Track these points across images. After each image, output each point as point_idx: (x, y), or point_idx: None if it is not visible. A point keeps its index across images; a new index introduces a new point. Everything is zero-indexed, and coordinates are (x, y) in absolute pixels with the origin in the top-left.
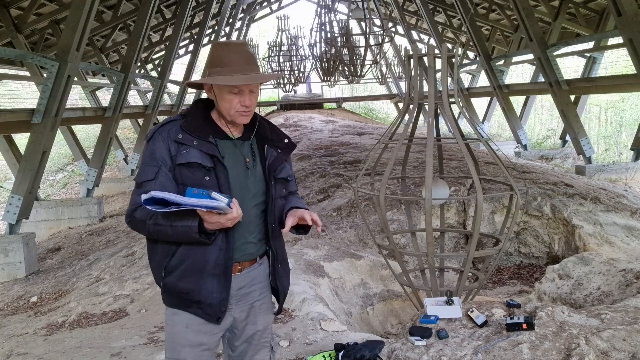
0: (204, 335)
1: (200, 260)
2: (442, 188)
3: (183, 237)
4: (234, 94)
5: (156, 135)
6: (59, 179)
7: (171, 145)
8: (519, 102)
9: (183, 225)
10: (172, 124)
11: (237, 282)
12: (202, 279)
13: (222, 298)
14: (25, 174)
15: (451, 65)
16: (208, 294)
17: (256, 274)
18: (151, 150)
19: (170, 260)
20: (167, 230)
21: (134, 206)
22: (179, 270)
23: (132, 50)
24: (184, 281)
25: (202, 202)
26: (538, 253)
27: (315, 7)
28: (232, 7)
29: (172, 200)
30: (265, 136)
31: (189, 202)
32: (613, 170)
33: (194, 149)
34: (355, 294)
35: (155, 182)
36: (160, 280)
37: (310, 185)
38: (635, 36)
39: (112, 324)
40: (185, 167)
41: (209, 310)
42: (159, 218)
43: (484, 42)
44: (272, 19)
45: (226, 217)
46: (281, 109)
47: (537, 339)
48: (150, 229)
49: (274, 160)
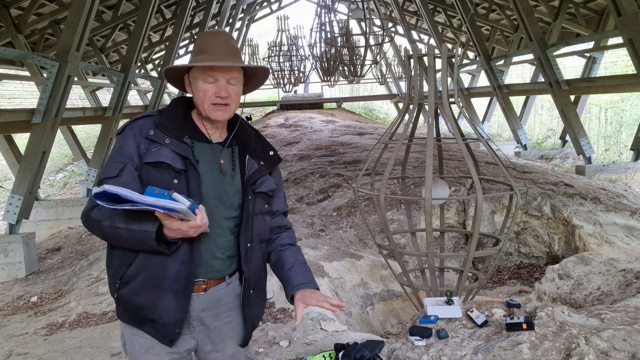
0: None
1: (158, 273)
2: (442, 188)
3: (139, 244)
4: (209, 83)
5: (127, 130)
6: (59, 179)
7: (141, 142)
8: (519, 102)
9: (140, 230)
10: (146, 119)
11: (200, 302)
12: (158, 294)
13: (178, 318)
14: (26, 174)
15: (451, 65)
16: (163, 312)
17: (222, 294)
18: (119, 145)
19: (126, 271)
20: (122, 234)
21: (91, 204)
22: (135, 282)
23: (132, 50)
24: (139, 295)
25: (160, 202)
26: (538, 253)
27: (315, 7)
28: (232, 7)
29: (127, 197)
30: (248, 145)
31: (145, 201)
32: (613, 170)
33: (165, 147)
34: (355, 294)
35: (118, 180)
36: (115, 291)
37: (310, 185)
38: (635, 36)
39: (112, 324)
40: (153, 167)
41: (162, 331)
42: (116, 220)
43: (484, 42)
44: (272, 19)
45: (189, 224)
46: (281, 109)
47: (537, 339)
48: (105, 231)
49: (254, 172)
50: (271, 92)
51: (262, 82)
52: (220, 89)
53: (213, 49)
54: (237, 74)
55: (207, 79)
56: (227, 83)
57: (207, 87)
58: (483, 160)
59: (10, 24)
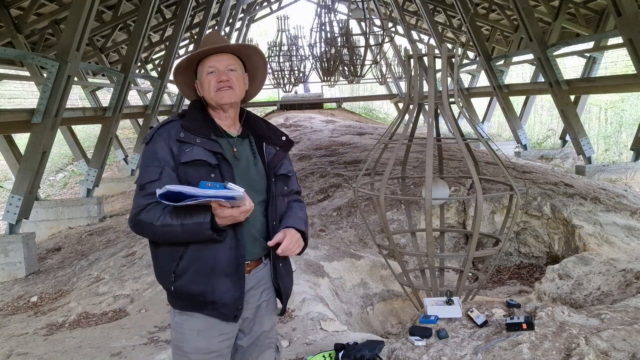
0: (215, 341)
1: (211, 260)
2: (442, 188)
3: (194, 236)
4: (210, 74)
5: (156, 137)
6: (59, 179)
7: (173, 145)
8: (519, 102)
9: (194, 223)
10: (172, 124)
11: (247, 283)
12: (214, 279)
13: (237, 296)
14: (26, 174)
15: (451, 65)
16: (222, 293)
17: (262, 274)
18: (152, 151)
19: (178, 264)
20: (176, 230)
21: (138, 209)
22: (189, 272)
23: (132, 51)
24: (196, 283)
25: (220, 192)
26: (538, 253)
27: (315, 7)
28: (232, 7)
29: (189, 193)
30: (262, 134)
31: (207, 194)
32: (613, 170)
33: (198, 147)
34: (355, 294)
35: (160, 182)
36: (170, 284)
37: (310, 185)
38: (635, 36)
39: (112, 324)
40: (189, 166)
41: (225, 310)
42: (167, 218)
43: (484, 42)
44: (272, 19)
45: (239, 209)
46: (281, 109)
47: (537, 339)
48: (157, 231)
49: (273, 157)
50: (271, 92)
51: (264, 71)
52: (220, 74)
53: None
54: (233, 61)
55: (208, 71)
56: (227, 69)
57: (210, 77)
58: (483, 160)
59: (10, 24)
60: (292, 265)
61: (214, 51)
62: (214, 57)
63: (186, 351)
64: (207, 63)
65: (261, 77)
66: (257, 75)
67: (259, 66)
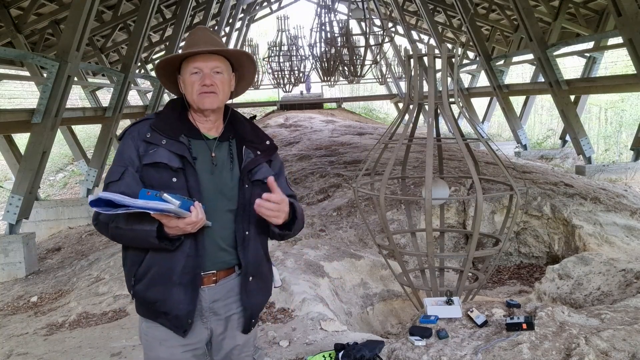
0: (178, 352)
1: (167, 268)
2: (442, 188)
3: (143, 242)
4: (194, 74)
5: (126, 135)
6: (59, 179)
7: (140, 144)
8: (519, 102)
9: (142, 230)
10: (143, 123)
11: (211, 294)
12: (168, 288)
13: (188, 310)
14: (26, 174)
15: (451, 65)
16: (174, 304)
17: (233, 284)
18: (120, 150)
19: (138, 268)
20: (127, 235)
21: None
22: (147, 278)
23: (132, 51)
24: (151, 290)
25: (150, 204)
26: (538, 253)
27: (315, 7)
28: (232, 7)
29: (119, 202)
30: (244, 137)
31: (136, 205)
32: (613, 170)
33: (162, 148)
34: (355, 294)
35: (121, 183)
36: (131, 288)
37: (310, 185)
38: (635, 36)
39: (112, 324)
40: (151, 168)
41: (175, 322)
42: (120, 221)
43: (484, 42)
44: (272, 19)
45: (184, 221)
46: (281, 109)
47: (537, 339)
48: (112, 232)
49: (249, 161)
50: (271, 92)
51: (253, 72)
52: (205, 78)
53: (194, 43)
54: (219, 62)
55: (192, 71)
56: (212, 72)
57: (194, 78)
58: (483, 160)
59: (10, 24)
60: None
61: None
62: (200, 57)
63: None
64: (192, 62)
65: (249, 76)
66: (245, 74)
67: (247, 65)
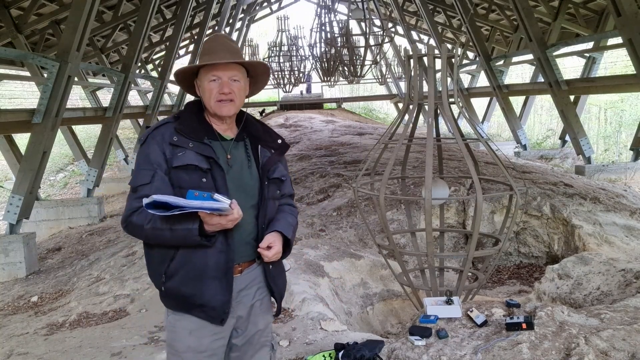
0: (207, 341)
1: (201, 263)
2: (442, 188)
3: (183, 241)
4: (213, 81)
5: (149, 139)
6: (60, 179)
7: (166, 148)
8: (519, 102)
9: (183, 229)
10: (166, 126)
11: (237, 283)
12: (203, 282)
13: (224, 300)
14: (26, 174)
15: (451, 66)
16: (210, 297)
17: (255, 274)
18: (145, 153)
19: (169, 265)
20: (166, 234)
21: (130, 211)
22: (180, 274)
23: (132, 51)
24: (185, 285)
25: (206, 204)
26: (538, 253)
27: (315, 7)
28: (232, 7)
29: (175, 204)
30: (258, 136)
31: (192, 205)
32: (612, 170)
33: (190, 151)
34: (355, 293)
35: (152, 186)
36: (161, 285)
37: (310, 185)
38: (635, 36)
39: (112, 323)
40: (181, 170)
41: (212, 313)
42: (157, 222)
43: (484, 43)
44: (272, 19)
45: (227, 218)
46: (281, 109)
47: (537, 339)
48: (148, 234)
49: (267, 161)
50: (271, 92)
51: (266, 80)
52: (223, 86)
53: (214, 51)
54: (237, 71)
55: (211, 79)
56: (230, 80)
57: (212, 85)
58: (483, 160)
59: (10, 24)
60: (285, 264)
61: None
62: (219, 65)
63: (179, 350)
64: (211, 70)
65: (262, 82)
66: (259, 80)
67: (261, 73)
